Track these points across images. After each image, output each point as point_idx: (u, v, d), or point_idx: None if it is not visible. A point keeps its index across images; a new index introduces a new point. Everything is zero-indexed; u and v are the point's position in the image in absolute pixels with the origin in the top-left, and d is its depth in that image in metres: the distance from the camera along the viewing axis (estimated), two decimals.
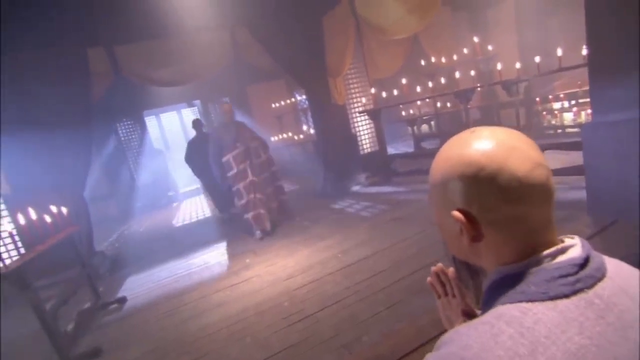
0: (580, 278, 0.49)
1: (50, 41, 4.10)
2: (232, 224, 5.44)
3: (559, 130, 5.81)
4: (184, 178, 10.18)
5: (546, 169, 0.53)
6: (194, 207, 7.98)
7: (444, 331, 0.67)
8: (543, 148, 3.73)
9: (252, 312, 2.78)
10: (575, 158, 3.39)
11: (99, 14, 4.27)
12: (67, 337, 2.84)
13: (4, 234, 4.15)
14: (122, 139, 8.35)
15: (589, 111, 5.09)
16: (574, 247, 0.52)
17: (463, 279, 0.82)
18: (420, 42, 6.49)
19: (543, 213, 0.53)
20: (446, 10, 6.32)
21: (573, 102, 5.70)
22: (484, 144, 0.53)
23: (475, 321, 0.51)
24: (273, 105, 8.49)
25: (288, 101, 8.55)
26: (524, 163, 0.51)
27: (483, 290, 0.59)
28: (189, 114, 9.90)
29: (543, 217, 0.53)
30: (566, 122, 5.76)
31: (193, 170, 5.61)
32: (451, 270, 0.86)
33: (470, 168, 0.52)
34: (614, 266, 0.53)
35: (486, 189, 0.51)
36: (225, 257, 4.14)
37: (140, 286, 3.90)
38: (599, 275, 0.50)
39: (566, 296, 0.48)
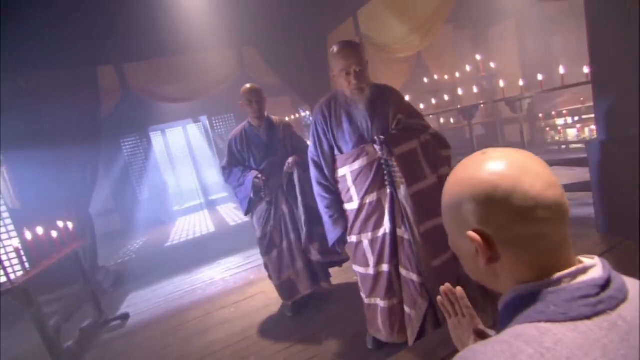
0: (603, 299, 0.48)
1: (61, 59, 4.20)
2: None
3: (563, 146, 5.82)
4: (188, 193, 10.23)
5: (559, 188, 0.54)
6: (199, 222, 7.97)
7: (454, 351, 0.66)
8: (548, 164, 3.73)
9: (256, 330, 2.74)
10: (580, 174, 3.39)
11: (109, 32, 4.37)
12: (69, 354, 2.80)
13: (9, 249, 4.19)
14: (128, 154, 8.44)
15: (593, 127, 5.12)
16: (595, 268, 0.52)
17: (480, 303, 0.81)
18: (424, 60, 6.59)
19: (558, 232, 0.53)
20: (449, 28, 6.44)
21: (576, 118, 5.74)
22: (497, 165, 0.54)
23: (491, 340, 0.50)
24: None
25: (293, 117, 8.64)
26: (536, 182, 0.52)
27: (499, 309, 0.58)
28: (195, 130, 10.02)
29: (558, 236, 0.53)
30: (570, 138, 5.78)
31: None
32: (459, 290, 0.86)
33: (484, 188, 0.53)
34: (634, 287, 0.52)
35: (500, 209, 0.51)
36: (230, 273, 4.11)
37: (144, 302, 3.87)
38: (622, 297, 0.49)
39: (587, 317, 0.46)
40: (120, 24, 4.18)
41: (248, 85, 2.66)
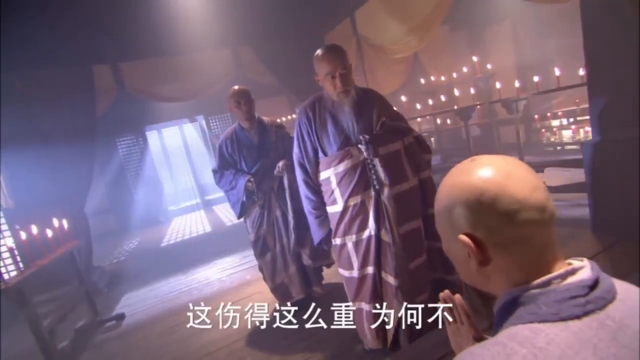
0: (591, 299, 0.50)
1: (57, 58, 4.17)
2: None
3: (558, 148, 5.86)
4: (184, 193, 10.19)
5: (545, 191, 0.56)
6: (195, 222, 7.94)
7: (451, 352, 0.67)
8: (543, 165, 3.76)
9: (252, 330, 2.73)
10: (575, 175, 3.41)
11: (105, 31, 4.36)
12: (64, 355, 2.78)
13: (3, 249, 4.15)
14: (123, 153, 8.38)
15: (588, 128, 5.17)
16: (584, 269, 0.53)
17: (475, 305, 0.81)
18: (421, 61, 6.62)
19: (545, 233, 0.55)
20: (445, 29, 6.47)
21: (571, 119, 5.78)
22: (484, 171, 0.56)
23: (488, 342, 0.52)
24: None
25: (290, 117, 8.63)
26: (522, 186, 0.54)
27: (494, 312, 0.60)
28: (191, 130, 9.98)
29: (545, 238, 0.55)
30: (565, 139, 5.82)
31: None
32: (458, 297, 0.86)
33: (473, 193, 0.55)
34: (623, 288, 0.54)
35: (489, 213, 0.54)
36: (226, 273, 4.09)
37: (139, 302, 3.85)
38: (610, 297, 0.51)
39: (577, 317, 0.48)
40: (116, 22, 4.17)
41: (235, 87, 2.63)
